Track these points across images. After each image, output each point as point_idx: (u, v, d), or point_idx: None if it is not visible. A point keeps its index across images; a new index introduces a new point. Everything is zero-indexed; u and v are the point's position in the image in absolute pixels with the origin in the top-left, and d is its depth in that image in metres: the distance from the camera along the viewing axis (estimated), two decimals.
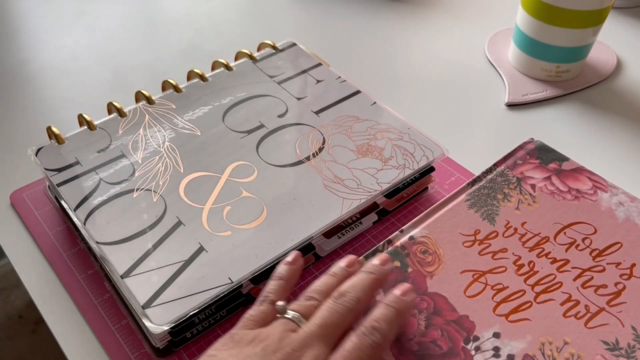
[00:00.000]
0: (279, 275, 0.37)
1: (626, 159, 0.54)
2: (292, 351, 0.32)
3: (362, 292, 0.35)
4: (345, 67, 0.64)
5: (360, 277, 0.36)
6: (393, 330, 0.34)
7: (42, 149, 0.47)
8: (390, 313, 0.34)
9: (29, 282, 0.44)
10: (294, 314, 0.34)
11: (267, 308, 0.36)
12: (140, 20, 0.73)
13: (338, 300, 0.34)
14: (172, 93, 0.52)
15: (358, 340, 0.33)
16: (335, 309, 0.34)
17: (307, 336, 0.33)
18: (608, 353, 0.35)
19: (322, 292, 0.36)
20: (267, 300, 0.36)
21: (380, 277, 0.36)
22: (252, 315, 0.35)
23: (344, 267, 0.38)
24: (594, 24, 0.58)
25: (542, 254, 0.40)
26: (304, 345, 0.32)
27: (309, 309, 0.35)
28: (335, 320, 0.34)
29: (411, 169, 0.46)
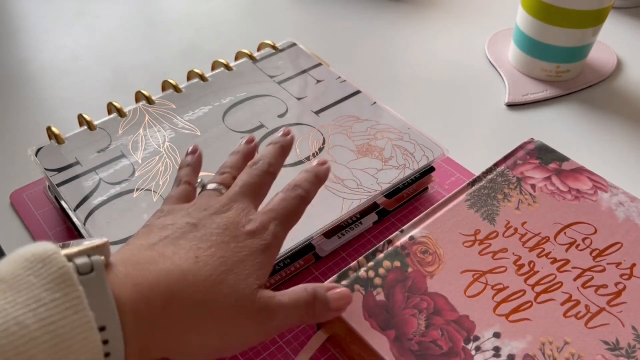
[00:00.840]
0: (185, 163, 0.40)
1: (626, 159, 0.54)
2: (220, 206, 0.35)
3: (272, 158, 0.38)
4: (345, 67, 0.64)
5: (268, 148, 0.39)
6: (313, 189, 0.38)
7: (42, 149, 0.47)
8: (309, 175, 0.38)
9: None
10: (216, 185, 0.37)
11: (184, 187, 0.38)
12: (140, 20, 0.73)
13: (253, 167, 0.38)
14: (172, 93, 0.52)
15: (283, 194, 0.36)
16: (252, 173, 0.37)
17: (231, 194, 0.36)
18: (608, 353, 0.35)
19: (232, 166, 0.39)
20: (182, 182, 0.38)
21: (285, 145, 0.40)
22: (171, 195, 0.37)
23: (245, 144, 0.41)
24: (594, 24, 0.58)
25: (542, 254, 0.40)
26: (230, 200, 0.35)
27: (226, 179, 0.38)
28: (253, 181, 0.37)
29: (411, 169, 0.46)
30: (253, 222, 0.34)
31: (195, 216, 0.34)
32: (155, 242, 0.32)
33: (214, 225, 0.33)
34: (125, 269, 0.29)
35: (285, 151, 0.40)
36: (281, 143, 0.40)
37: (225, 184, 0.37)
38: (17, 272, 0.25)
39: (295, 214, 0.36)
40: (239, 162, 0.40)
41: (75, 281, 0.25)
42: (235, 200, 0.35)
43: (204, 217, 0.34)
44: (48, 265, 0.25)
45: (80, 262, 0.26)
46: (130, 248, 0.32)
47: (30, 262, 0.25)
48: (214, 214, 0.34)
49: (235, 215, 0.34)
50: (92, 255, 0.27)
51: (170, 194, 0.38)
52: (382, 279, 0.38)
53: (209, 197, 0.36)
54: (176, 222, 0.34)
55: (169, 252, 0.31)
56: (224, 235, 0.33)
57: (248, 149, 0.41)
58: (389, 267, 0.39)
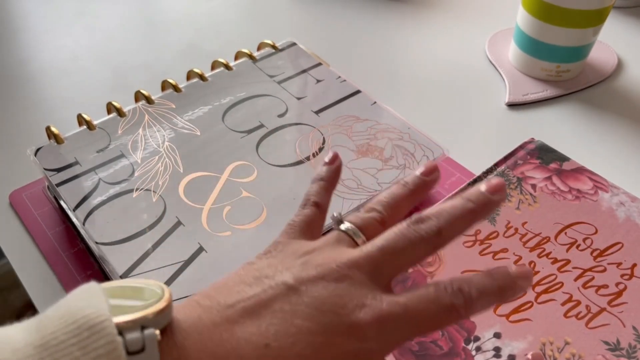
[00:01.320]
0: (318, 176, 0.32)
1: (627, 159, 0.54)
2: (337, 268, 0.26)
3: (448, 223, 0.26)
4: (345, 67, 0.64)
5: (453, 203, 0.27)
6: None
7: (41, 149, 0.47)
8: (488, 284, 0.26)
9: (28, 283, 0.44)
10: (350, 226, 0.28)
11: (311, 211, 0.30)
12: (140, 20, 0.73)
13: (413, 225, 0.27)
14: (172, 93, 0.52)
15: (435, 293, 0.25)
16: (406, 234, 0.26)
17: (361, 256, 0.26)
18: (609, 353, 0.35)
19: (387, 204, 0.29)
20: (309, 203, 0.31)
21: (481, 209, 0.27)
22: (294, 221, 0.30)
23: (419, 175, 0.30)
24: (594, 23, 0.58)
25: (543, 254, 0.40)
26: (353, 264, 0.26)
27: (369, 222, 0.28)
28: (401, 247, 0.26)
29: (411, 169, 0.46)
30: (366, 311, 0.25)
31: (299, 275, 0.26)
32: (233, 303, 0.26)
33: (312, 300, 0.25)
34: (182, 342, 0.24)
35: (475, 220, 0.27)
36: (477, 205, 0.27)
37: (365, 230, 0.28)
38: (61, 338, 0.22)
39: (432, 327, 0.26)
40: (401, 200, 0.29)
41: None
42: (359, 267, 0.26)
43: (306, 280, 0.26)
44: (95, 336, 0.22)
45: (131, 338, 0.22)
46: (203, 305, 0.26)
47: (78, 327, 0.22)
48: (321, 278, 0.26)
49: (346, 291, 0.25)
50: (146, 327, 0.23)
51: (293, 219, 0.30)
52: None
53: (334, 247, 0.27)
54: (274, 276, 0.26)
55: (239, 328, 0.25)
56: (315, 322, 0.24)
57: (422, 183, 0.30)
58: None
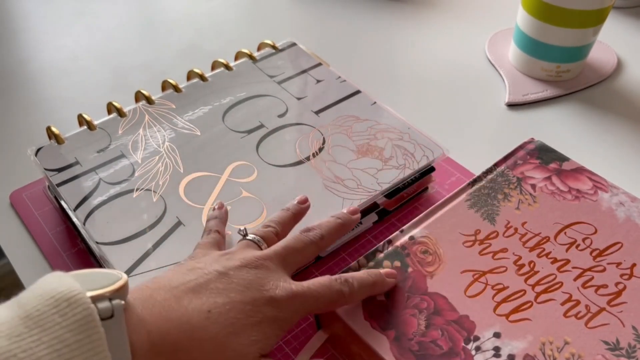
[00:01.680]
0: (212, 216, 0.40)
1: (627, 159, 0.54)
2: (254, 259, 0.34)
3: (327, 231, 0.38)
4: (345, 67, 0.64)
5: (328, 220, 0.39)
6: (361, 293, 0.36)
7: (41, 149, 0.47)
8: (368, 280, 0.36)
9: (28, 283, 0.44)
10: (255, 237, 0.37)
11: (216, 235, 0.38)
12: (140, 20, 0.73)
13: (303, 233, 0.37)
14: (172, 93, 0.52)
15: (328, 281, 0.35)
16: (299, 238, 0.37)
17: (270, 252, 0.35)
18: (609, 353, 0.35)
19: (278, 222, 0.39)
20: (212, 231, 0.39)
21: (347, 223, 0.39)
22: (203, 242, 0.37)
23: (297, 204, 0.41)
24: (594, 23, 0.58)
25: (543, 254, 0.40)
26: (266, 257, 0.35)
27: (268, 234, 0.38)
28: (297, 247, 0.36)
29: (411, 169, 0.46)
30: (279, 290, 0.33)
31: (226, 264, 0.34)
32: (177, 285, 0.32)
33: (239, 280, 0.33)
34: (140, 313, 0.29)
35: (344, 230, 0.39)
36: (343, 221, 0.39)
37: (266, 239, 0.37)
38: (43, 309, 0.25)
39: (326, 305, 0.35)
40: (287, 220, 0.39)
41: (98, 324, 0.26)
42: (271, 259, 0.35)
43: (233, 267, 0.34)
44: (73, 306, 0.26)
45: (102, 306, 0.27)
46: (152, 287, 0.32)
47: (56, 300, 0.26)
48: (244, 266, 0.34)
49: (263, 275, 0.34)
50: (113, 298, 0.27)
51: (203, 241, 0.38)
52: None
53: (245, 248, 0.36)
54: (205, 267, 0.34)
55: (185, 300, 0.31)
56: (244, 295, 0.32)
57: (299, 209, 0.41)
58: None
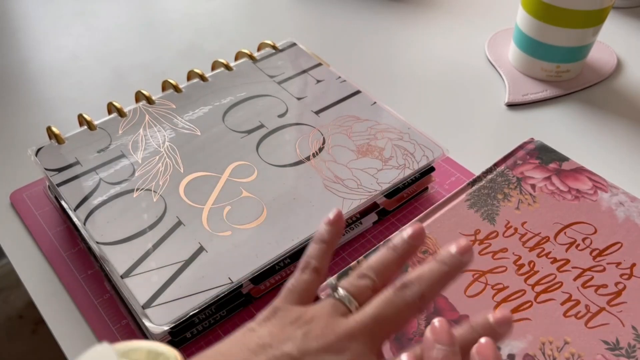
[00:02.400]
0: (320, 237, 0.33)
1: (626, 159, 0.54)
2: (336, 340, 0.28)
3: (428, 286, 0.30)
4: (345, 67, 0.64)
5: (431, 267, 0.30)
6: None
7: (42, 149, 0.47)
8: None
9: (29, 282, 0.44)
10: (344, 294, 0.30)
11: (310, 277, 0.32)
12: (140, 20, 0.73)
13: (399, 292, 0.29)
14: (172, 93, 0.52)
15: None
16: (394, 302, 0.29)
17: (356, 326, 0.29)
18: (608, 353, 0.35)
19: (378, 270, 0.31)
20: (309, 268, 0.32)
21: (454, 271, 0.30)
22: (294, 286, 0.32)
23: (408, 239, 0.32)
24: (594, 23, 0.58)
25: (543, 253, 0.40)
26: (350, 336, 0.29)
27: (362, 290, 0.31)
28: (390, 314, 0.29)
29: (411, 169, 0.46)
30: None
31: (301, 346, 0.28)
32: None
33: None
34: None
35: (450, 280, 0.30)
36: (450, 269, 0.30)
37: (359, 298, 0.30)
38: None
39: None
40: (390, 264, 0.31)
41: None
42: (355, 338, 0.28)
43: (310, 352, 0.28)
44: None
45: None
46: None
47: None
48: (324, 350, 0.28)
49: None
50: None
51: (293, 284, 0.32)
52: None
53: (330, 315, 0.30)
54: (277, 347, 0.28)
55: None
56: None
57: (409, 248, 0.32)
58: None
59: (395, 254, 0.32)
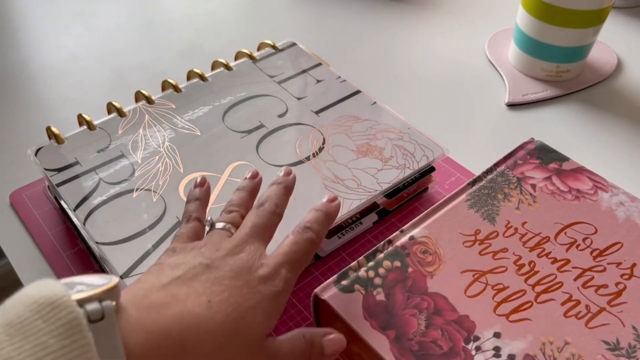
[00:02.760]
0: (193, 196, 0.40)
1: (627, 159, 0.54)
2: (232, 247, 0.34)
3: (278, 198, 0.38)
4: (345, 67, 0.64)
5: (272, 188, 0.39)
6: (323, 230, 0.37)
7: (41, 149, 0.47)
8: (320, 215, 0.37)
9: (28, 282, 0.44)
10: (225, 224, 0.37)
11: (195, 224, 0.38)
12: (140, 20, 0.73)
13: (260, 208, 0.37)
14: (172, 93, 0.52)
15: (294, 237, 0.36)
16: (260, 214, 0.37)
17: (242, 235, 0.35)
18: (609, 353, 0.35)
19: (240, 204, 0.39)
20: (192, 218, 0.38)
21: (289, 185, 0.40)
22: (182, 232, 0.37)
23: (249, 179, 0.40)
24: (594, 23, 0.58)
25: (543, 253, 0.40)
26: (242, 242, 0.35)
27: (235, 218, 0.37)
28: (263, 222, 0.36)
29: (411, 169, 0.46)
30: (265, 267, 0.34)
31: (208, 256, 0.33)
32: (167, 282, 0.31)
33: (227, 268, 0.33)
34: (136, 313, 0.28)
35: (289, 191, 0.40)
36: (284, 184, 0.39)
37: (234, 224, 0.37)
38: (25, 315, 0.24)
39: (306, 257, 0.36)
40: (245, 199, 0.39)
41: (85, 328, 0.24)
42: (246, 242, 0.35)
43: (217, 258, 0.33)
44: (57, 310, 0.24)
45: (90, 309, 0.25)
46: (142, 287, 0.31)
47: (39, 305, 0.24)
48: (226, 255, 0.34)
49: (248, 258, 0.34)
50: (103, 300, 0.26)
51: (180, 232, 0.37)
52: (382, 279, 0.38)
53: (220, 237, 0.35)
54: (189, 262, 0.33)
55: (182, 294, 0.31)
56: (237, 279, 0.32)
57: (253, 184, 0.40)
58: (389, 267, 0.39)
59: (245, 191, 0.40)
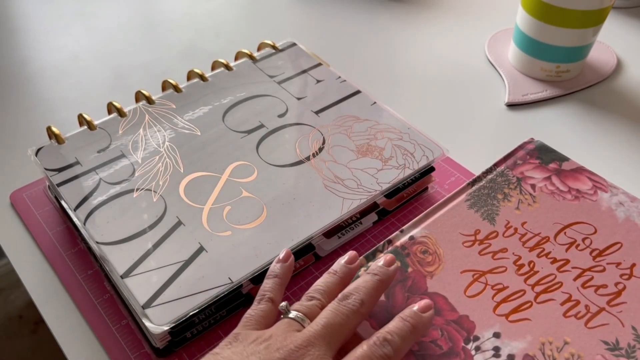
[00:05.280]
0: (273, 273, 0.38)
1: (626, 159, 0.54)
2: (295, 348, 0.32)
3: (366, 294, 0.35)
4: (345, 67, 0.64)
5: (365, 279, 0.36)
6: (406, 345, 0.34)
7: (42, 149, 0.47)
8: (405, 327, 0.34)
9: (29, 282, 0.44)
10: (298, 314, 0.35)
11: (266, 306, 0.36)
12: (140, 20, 0.73)
13: (342, 302, 0.34)
14: (172, 93, 0.52)
15: (369, 350, 0.32)
16: (340, 310, 0.34)
17: (311, 335, 0.33)
18: (608, 353, 0.35)
19: (324, 292, 0.36)
20: (265, 299, 0.36)
21: (385, 279, 0.36)
22: (252, 315, 0.35)
23: (344, 264, 0.37)
24: (594, 24, 0.58)
25: (542, 253, 0.40)
26: (307, 343, 0.32)
27: (311, 309, 0.35)
28: (339, 321, 0.33)
29: (411, 169, 0.46)
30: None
31: (266, 357, 0.31)
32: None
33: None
34: None
35: (384, 286, 0.36)
36: (380, 276, 0.36)
37: (309, 315, 0.34)
38: None
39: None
40: (333, 286, 0.36)
41: None
42: (312, 345, 0.32)
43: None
44: None
45: None
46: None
47: None
48: (285, 357, 0.31)
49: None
50: None
51: (250, 313, 0.35)
52: None
53: (286, 330, 0.33)
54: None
55: None
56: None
57: (348, 270, 0.37)
58: None
59: (336, 277, 0.37)
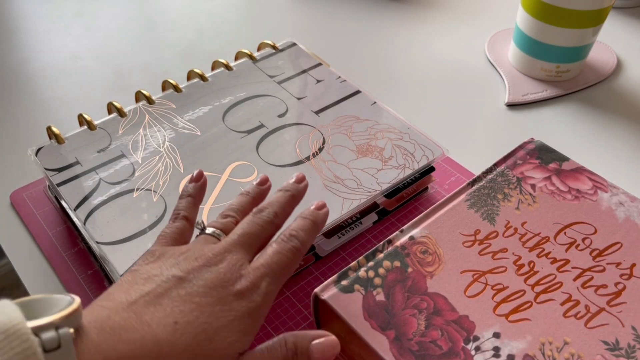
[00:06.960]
0: (186, 192, 0.38)
1: (626, 159, 0.54)
2: (213, 256, 0.33)
3: (279, 207, 0.36)
4: (345, 67, 0.64)
5: (277, 195, 0.37)
6: (310, 239, 0.35)
7: (42, 148, 0.47)
8: (307, 223, 0.36)
9: (29, 282, 0.44)
10: (214, 230, 0.35)
11: (181, 224, 0.36)
12: (140, 20, 0.73)
13: (257, 215, 0.36)
14: (172, 93, 0.52)
15: (278, 246, 0.34)
16: (255, 222, 0.35)
17: (228, 244, 0.34)
18: (608, 353, 0.35)
19: (238, 210, 0.37)
20: (179, 217, 0.37)
21: (296, 194, 0.38)
22: (167, 232, 0.36)
23: (256, 185, 0.39)
24: (594, 24, 0.58)
25: (542, 254, 0.40)
26: (225, 250, 0.33)
27: (227, 225, 0.36)
28: (254, 231, 0.35)
29: (411, 169, 0.46)
30: (244, 280, 0.32)
31: (184, 267, 0.32)
32: (135, 299, 0.30)
33: (201, 282, 0.31)
34: (97, 338, 0.27)
35: (296, 201, 0.37)
36: (292, 192, 0.37)
37: (225, 230, 0.35)
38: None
39: (290, 268, 0.34)
40: (247, 205, 0.37)
41: (40, 358, 0.23)
42: (229, 251, 0.33)
43: (192, 270, 0.32)
44: (11, 338, 0.23)
45: (46, 337, 0.24)
46: (107, 306, 0.29)
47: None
48: (204, 265, 0.32)
49: (226, 269, 0.32)
50: (61, 327, 0.25)
51: (165, 231, 0.36)
52: (382, 279, 0.39)
53: (204, 244, 0.34)
54: (162, 273, 0.31)
55: (147, 315, 0.29)
56: (210, 296, 0.31)
57: (260, 191, 0.39)
58: (389, 267, 0.39)
59: (249, 197, 0.38)
